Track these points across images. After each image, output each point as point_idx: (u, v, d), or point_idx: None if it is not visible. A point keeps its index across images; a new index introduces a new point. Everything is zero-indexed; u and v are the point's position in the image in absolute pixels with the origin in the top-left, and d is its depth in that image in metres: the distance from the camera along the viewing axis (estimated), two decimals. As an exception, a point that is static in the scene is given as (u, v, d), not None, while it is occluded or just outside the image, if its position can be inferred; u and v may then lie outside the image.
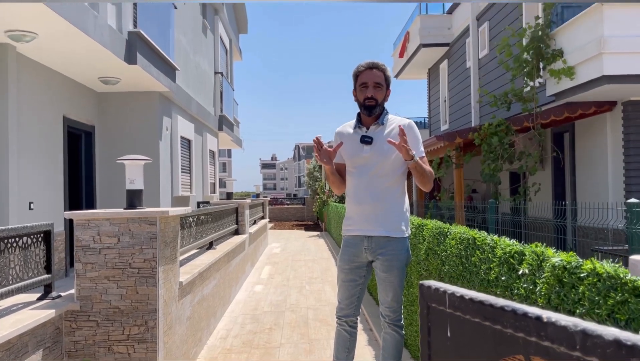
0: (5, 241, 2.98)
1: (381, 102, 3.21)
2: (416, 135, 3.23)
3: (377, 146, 3.18)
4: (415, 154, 3.03)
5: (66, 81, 8.02)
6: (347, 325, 3.39)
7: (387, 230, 3.15)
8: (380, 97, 3.19)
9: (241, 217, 8.48)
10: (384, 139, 3.15)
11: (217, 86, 14.95)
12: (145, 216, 3.44)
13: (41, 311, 3.11)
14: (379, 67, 3.23)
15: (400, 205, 3.25)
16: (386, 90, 3.24)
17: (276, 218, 26.75)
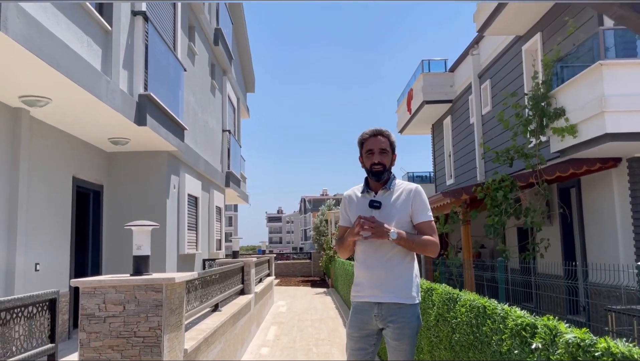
0: (11, 311, 2.96)
1: (388, 167, 3.27)
2: (423, 201, 3.24)
3: (386, 211, 3.19)
4: (391, 234, 3.02)
5: (76, 142, 8.18)
6: None
7: (398, 297, 3.10)
8: (387, 162, 3.26)
9: (247, 276, 8.40)
10: (392, 205, 3.20)
11: (224, 143, 15.18)
12: (151, 283, 3.42)
13: (43, 383, 3.04)
14: (383, 133, 3.31)
15: (410, 270, 3.22)
16: (392, 155, 3.31)
17: (282, 274, 26.46)
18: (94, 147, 8.84)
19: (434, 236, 3.18)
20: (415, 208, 3.17)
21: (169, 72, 9.00)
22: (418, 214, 3.16)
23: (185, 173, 10.85)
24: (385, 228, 3.02)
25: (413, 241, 3.10)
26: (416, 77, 17.47)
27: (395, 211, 3.16)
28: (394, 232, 3.02)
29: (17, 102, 6.14)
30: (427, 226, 3.17)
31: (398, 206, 3.19)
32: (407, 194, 3.21)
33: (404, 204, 3.17)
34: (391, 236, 3.02)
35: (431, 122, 18.94)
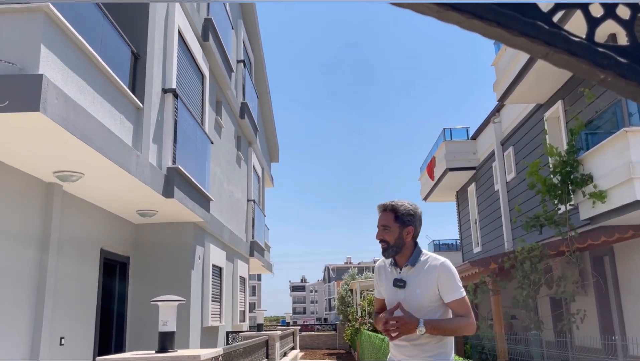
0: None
1: (395, 243, 3.13)
2: (451, 277, 3.07)
3: (410, 291, 3.09)
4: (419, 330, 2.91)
5: (105, 214, 8.34)
6: None
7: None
8: (390, 238, 3.12)
9: (271, 350, 8.20)
10: (417, 283, 3.09)
11: (249, 213, 15.31)
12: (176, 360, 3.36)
13: None
14: (387, 208, 3.18)
15: (443, 348, 3.08)
16: (402, 228, 3.14)
17: (307, 346, 25.72)
18: (122, 219, 9.00)
19: (468, 314, 3.03)
20: (442, 286, 3.02)
21: (197, 145, 9.27)
22: (447, 294, 3.01)
23: (210, 243, 10.90)
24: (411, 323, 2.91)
25: (445, 329, 2.98)
26: (438, 145, 17.61)
27: (420, 291, 3.04)
28: (421, 327, 2.91)
29: (52, 178, 6.35)
30: (458, 305, 3.02)
31: (423, 285, 3.07)
32: (432, 271, 3.07)
33: (429, 282, 3.04)
34: (418, 332, 2.92)
35: (455, 189, 18.87)
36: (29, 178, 6.24)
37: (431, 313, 3.07)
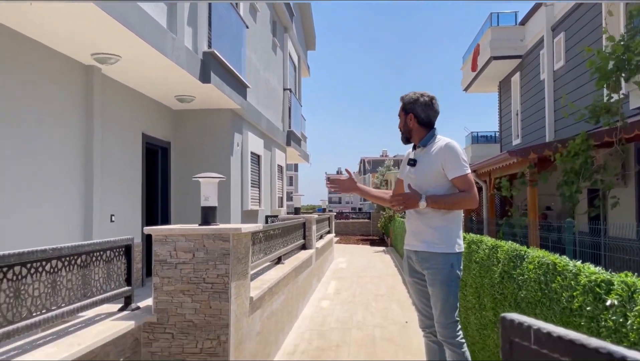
0: (91, 254, 3.15)
1: (403, 129, 3.54)
2: (454, 156, 3.32)
3: (419, 168, 3.44)
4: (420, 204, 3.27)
5: (145, 100, 8.45)
6: (432, 335, 3.51)
7: (427, 245, 3.34)
8: (400, 126, 3.56)
9: (308, 232, 8.54)
10: (425, 162, 3.42)
11: (285, 102, 15.24)
12: (219, 232, 3.53)
13: (122, 322, 3.25)
14: (400, 100, 3.57)
15: (444, 222, 3.35)
16: (406, 115, 3.50)
17: (341, 232, 26.76)
18: (161, 105, 9.12)
19: (469, 190, 3.29)
20: (446, 164, 3.31)
21: (232, 29, 9.04)
22: (450, 171, 3.30)
23: (248, 131, 11.02)
24: (414, 198, 3.27)
25: (445, 202, 3.29)
26: (484, 32, 16.68)
27: (427, 169, 3.38)
28: (422, 201, 3.26)
29: (90, 60, 6.38)
30: (460, 181, 3.29)
31: (429, 163, 3.37)
32: (438, 151, 3.36)
33: (435, 161, 3.35)
34: (420, 205, 3.27)
35: (498, 80, 18.14)
36: (69, 60, 6.28)
37: (437, 189, 3.36)
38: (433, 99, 3.50)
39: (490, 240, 4.36)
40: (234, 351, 3.57)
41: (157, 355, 3.48)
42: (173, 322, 3.51)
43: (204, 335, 3.48)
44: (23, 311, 2.53)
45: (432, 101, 3.48)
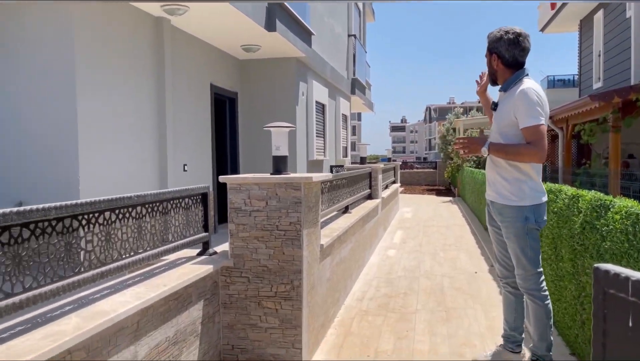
0: (171, 202, 3.29)
1: (489, 71, 3.35)
2: (525, 104, 3.09)
3: (497, 114, 3.31)
4: (483, 151, 3.17)
5: (213, 50, 8.54)
6: (510, 286, 3.50)
7: (501, 197, 3.26)
8: (488, 67, 3.35)
9: (374, 181, 8.52)
10: (502, 107, 3.26)
11: (350, 49, 14.94)
12: (290, 181, 3.57)
13: (201, 266, 3.41)
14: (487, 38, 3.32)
15: (515, 173, 3.20)
16: (490, 56, 3.29)
17: (406, 182, 26.54)
18: (228, 56, 9.19)
19: (537, 143, 3.05)
20: (517, 112, 3.11)
21: (296, -26, 8.84)
22: (520, 119, 3.10)
23: (313, 80, 10.95)
24: (477, 143, 3.19)
25: (507, 152, 3.13)
26: (563, -34, 15.41)
27: (502, 116, 3.22)
28: (484, 148, 3.15)
29: (159, 11, 6.47)
30: (528, 132, 3.07)
31: (505, 109, 3.20)
32: (512, 96, 3.15)
33: (508, 107, 3.16)
34: (483, 152, 3.17)
35: (579, 18, 16.86)
36: (140, 13, 6.39)
37: (510, 138, 3.17)
38: (520, 36, 3.18)
39: (570, 189, 4.17)
40: (306, 295, 3.67)
41: (234, 297, 3.64)
42: (248, 267, 3.64)
43: (278, 279, 3.60)
44: (114, 253, 2.70)
45: (518, 38, 3.18)
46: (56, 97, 5.38)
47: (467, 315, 4.89)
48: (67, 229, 2.36)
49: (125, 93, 6.15)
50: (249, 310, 3.63)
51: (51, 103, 5.40)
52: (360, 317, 4.83)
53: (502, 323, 3.70)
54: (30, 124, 5.50)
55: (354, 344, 4.16)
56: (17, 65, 5.47)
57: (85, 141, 5.47)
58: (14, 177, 5.57)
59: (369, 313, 4.94)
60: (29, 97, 5.47)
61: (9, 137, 5.57)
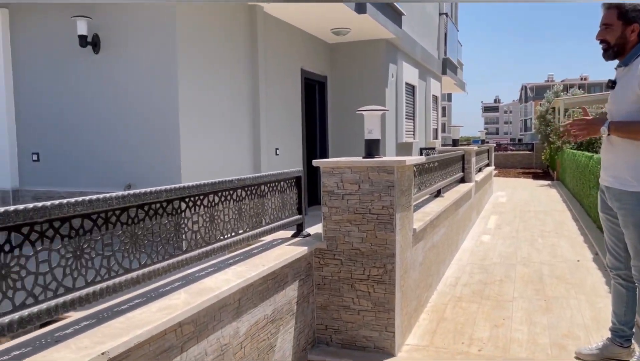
0: (268, 185, 3.40)
1: (615, 42, 2.96)
2: None
3: (615, 92, 3.04)
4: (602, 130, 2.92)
5: (303, 35, 8.64)
6: (620, 278, 3.26)
7: (619, 182, 3.00)
8: (611, 38, 2.97)
9: (467, 164, 8.26)
10: (623, 83, 2.96)
11: (441, 28, 14.50)
12: (383, 165, 3.56)
13: (296, 247, 3.50)
14: (612, 4, 2.95)
15: (637, 155, 2.90)
16: (626, 25, 2.92)
17: (500, 165, 25.48)
18: (318, 40, 9.26)
19: None
20: None
21: (386, -46, 8.68)
22: None
23: (403, 61, 10.76)
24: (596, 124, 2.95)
25: (630, 130, 2.85)
26: None
27: (622, 92, 2.93)
28: (604, 127, 2.92)
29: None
30: None
31: (626, 85, 2.91)
32: (635, 69, 2.85)
33: (631, 81, 2.87)
34: (602, 133, 2.94)
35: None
36: (234, 2, 6.60)
37: (635, 115, 2.87)
38: None
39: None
40: (399, 279, 3.67)
41: (328, 278, 3.71)
42: (341, 249, 3.68)
43: (371, 262, 3.62)
44: (217, 234, 2.84)
45: None
46: (161, 88, 5.72)
47: (569, 305, 4.64)
48: (176, 210, 2.52)
49: (221, 80, 6.41)
50: (342, 292, 3.69)
51: (156, 93, 5.76)
52: (454, 303, 4.74)
53: (609, 315, 3.48)
54: (137, 113, 5.90)
55: (448, 330, 4.10)
56: (128, 58, 5.87)
57: (186, 127, 5.78)
58: (123, 162, 6.02)
59: (463, 300, 4.84)
60: (137, 88, 5.86)
61: (119, 126, 6.02)
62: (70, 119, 6.24)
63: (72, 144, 6.27)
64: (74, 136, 6.25)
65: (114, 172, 6.07)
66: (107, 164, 6.10)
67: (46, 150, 6.43)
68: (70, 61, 6.16)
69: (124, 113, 5.97)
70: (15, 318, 1.68)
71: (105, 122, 6.08)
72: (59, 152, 6.34)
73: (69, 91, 6.21)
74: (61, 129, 6.31)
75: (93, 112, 6.12)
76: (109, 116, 6.04)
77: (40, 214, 1.76)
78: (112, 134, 6.05)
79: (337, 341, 3.72)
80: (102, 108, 6.06)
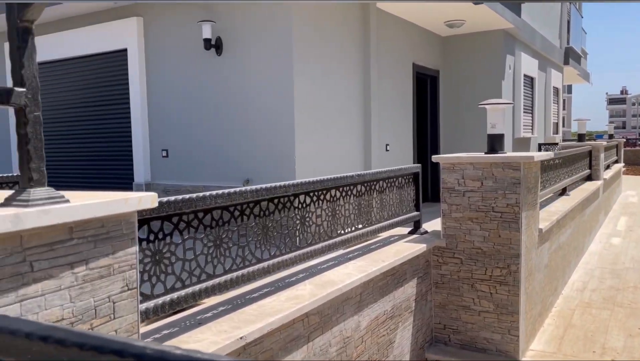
0: (387, 181, 3.39)
1: None
2: None
3: None
4: None
5: (415, 29, 8.49)
6: None
7: None
8: None
9: (595, 161, 7.64)
10: None
11: (563, 15, 13.53)
12: (508, 161, 3.40)
13: (414, 244, 3.46)
14: None
15: None
16: None
17: (629, 162, 23.27)
18: (430, 33, 9.05)
19: None
20: None
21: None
22: None
23: (521, 52, 10.19)
24: None
25: None
26: None
27: None
28: None
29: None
30: None
31: None
32: None
33: None
34: None
35: None
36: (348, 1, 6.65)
37: None
38: None
39: None
40: (524, 281, 3.49)
41: (446, 277, 3.63)
42: (461, 248, 3.58)
43: (493, 262, 3.47)
44: (337, 228, 2.89)
45: None
46: (277, 86, 5.92)
47: None
48: (301, 204, 2.60)
49: (334, 77, 6.49)
50: (462, 291, 3.59)
51: (273, 92, 5.97)
52: (582, 309, 4.42)
53: None
54: (255, 111, 6.17)
55: (576, 337, 3.83)
56: (246, 59, 6.16)
57: (300, 125, 5.94)
58: (242, 158, 6.32)
59: (592, 306, 4.49)
60: (255, 87, 6.12)
61: (238, 123, 6.33)
62: (194, 118, 6.68)
63: (196, 141, 6.70)
64: (198, 134, 6.68)
65: (233, 168, 6.40)
66: (227, 160, 6.44)
67: (173, 147, 6.94)
68: (195, 63, 6.58)
69: (242, 111, 6.26)
70: (167, 300, 1.83)
71: (226, 121, 6.42)
72: (185, 149, 6.81)
73: (194, 92, 6.64)
74: (186, 127, 6.77)
75: (214, 111, 6.50)
76: (229, 114, 6.38)
77: (188, 206, 1.90)
78: (232, 132, 6.38)
79: (456, 341, 3.63)
80: (223, 107, 6.41)
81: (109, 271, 1.43)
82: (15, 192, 1.29)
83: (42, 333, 0.94)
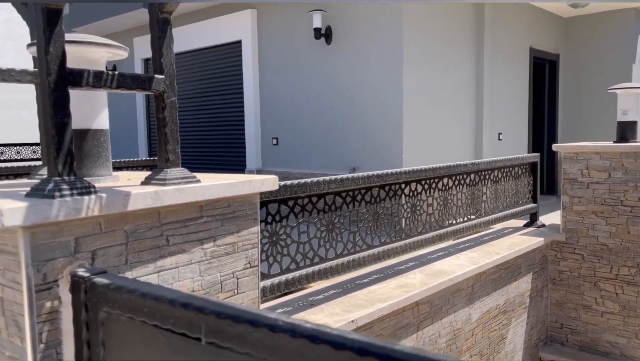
0: (502, 170, 3.24)
1: None
2: None
3: None
4: None
5: (533, 11, 7.99)
6: None
7: None
8: None
9: None
10: None
11: None
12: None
13: (530, 238, 3.29)
14: None
15: None
16: None
17: None
18: (550, 15, 8.47)
19: None
20: None
21: None
22: None
23: (656, 31, 9.20)
24: None
25: None
26: None
27: None
28: None
29: (481, -22, 6.35)
30: None
31: None
32: None
33: None
34: None
35: None
36: (461, -18, 6.41)
37: None
38: None
39: None
40: (656, 283, 3.18)
41: (565, 273, 3.41)
42: (583, 243, 3.34)
43: (620, 260, 3.21)
44: (449, 218, 2.82)
45: None
46: (385, 76, 5.88)
47: None
48: (412, 192, 2.57)
49: (445, 64, 6.31)
50: (582, 290, 3.35)
51: (381, 81, 5.93)
52: None
53: None
54: (363, 100, 6.17)
55: None
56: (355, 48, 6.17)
57: (409, 113, 5.85)
58: (348, 146, 6.37)
59: None
60: (363, 76, 6.12)
61: (346, 112, 6.38)
62: (303, 106, 6.83)
63: (304, 129, 6.86)
64: (306, 122, 6.83)
65: (340, 156, 6.47)
66: (334, 148, 6.52)
67: (283, 135, 7.16)
68: (305, 53, 6.72)
69: (350, 100, 6.29)
70: (282, 280, 1.91)
71: (334, 109, 6.49)
72: (294, 136, 7.00)
73: (303, 81, 6.79)
74: (296, 116, 6.95)
75: (323, 99, 6.59)
76: (337, 102, 6.44)
77: (303, 190, 1.95)
78: (340, 120, 6.44)
79: (574, 342, 3.41)
80: (331, 96, 6.49)
81: (234, 249, 1.52)
82: (153, 171, 1.41)
83: (183, 300, 1.02)
